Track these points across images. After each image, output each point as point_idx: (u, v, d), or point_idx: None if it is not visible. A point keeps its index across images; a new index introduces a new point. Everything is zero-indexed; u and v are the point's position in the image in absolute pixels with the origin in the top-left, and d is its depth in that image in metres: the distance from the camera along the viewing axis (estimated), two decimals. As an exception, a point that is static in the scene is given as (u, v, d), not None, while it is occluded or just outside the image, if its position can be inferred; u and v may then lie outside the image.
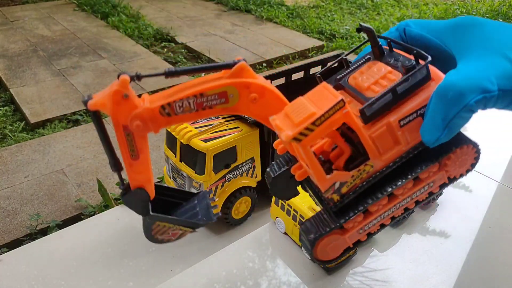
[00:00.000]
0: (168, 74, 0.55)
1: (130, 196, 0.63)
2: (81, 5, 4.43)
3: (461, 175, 0.59)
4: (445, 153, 0.55)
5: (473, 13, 3.98)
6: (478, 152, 0.57)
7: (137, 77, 0.55)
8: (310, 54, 3.44)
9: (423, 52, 0.50)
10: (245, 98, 0.56)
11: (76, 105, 2.49)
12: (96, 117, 0.58)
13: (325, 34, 3.86)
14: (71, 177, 1.84)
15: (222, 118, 1.30)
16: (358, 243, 0.61)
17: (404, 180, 0.55)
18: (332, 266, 1.10)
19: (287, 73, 1.72)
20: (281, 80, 1.71)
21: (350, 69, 0.61)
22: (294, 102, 0.51)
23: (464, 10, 4.09)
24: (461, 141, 0.55)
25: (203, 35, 3.70)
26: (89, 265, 1.24)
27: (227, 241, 1.30)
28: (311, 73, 1.82)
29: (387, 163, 0.53)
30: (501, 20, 3.86)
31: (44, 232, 1.54)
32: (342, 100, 0.47)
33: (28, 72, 2.93)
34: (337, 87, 0.61)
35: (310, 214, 1.11)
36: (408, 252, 1.21)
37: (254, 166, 1.33)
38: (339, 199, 0.54)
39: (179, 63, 3.19)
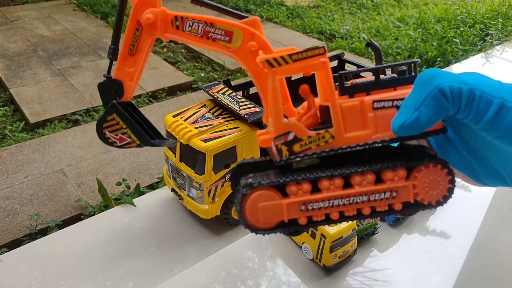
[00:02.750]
0: (194, 0, 0.66)
1: (107, 83, 0.68)
2: (81, 5, 4.43)
3: (430, 204, 0.54)
4: (416, 161, 0.51)
5: (473, 13, 3.98)
6: (452, 182, 0.52)
7: None
8: (310, 54, 3.45)
9: (414, 61, 0.51)
10: (245, 45, 0.61)
11: (76, 105, 2.49)
12: (122, 2, 0.67)
13: (325, 34, 3.86)
14: (71, 177, 1.84)
15: (222, 118, 1.30)
16: (293, 226, 0.52)
17: (365, 168, 0.50)
18: (333, 266, 1.10)
19: (287, 73, 1.72)
20: (281, 80, 1.71)
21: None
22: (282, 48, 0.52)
23: (464, 10, 4.09)
24: (437, 158, 0.51)
25: (203, 35, 3.71)
26: (89, 265, 1.24)
27: (227, 241, 1.30)
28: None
29: (348, 143, 0.50)
30: (501, 20, 3.86)
31: (44, 232, 1.54)
32: (324, 47, 0.47)
33: (28, 72, 2.93)
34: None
35: (310, 214, 1.11)
36: (408, 252, 1.21)
37: (254, 166, 1.33)
38: (288, 155, 0.50)
39: (179, 63, 3.19)
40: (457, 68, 2.76)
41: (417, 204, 0.54)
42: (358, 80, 0.51)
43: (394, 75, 0.51)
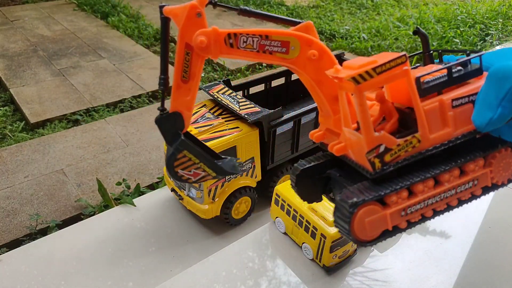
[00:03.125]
0: (241, 11, 0.62)
1: (167, 118, 0.63)
2: (81, 5, 4.44)
3: (503, 184, 0.60)
4: (491, 149, 0.56)
5: (473, 13, 3.98)
6: None
7: (213, 4, 0.61)
8: (310, 54, 3.44)
9: (475, 50, 0.54)
10: (304, 53, 0.59)
11: (76, 105, 2.49)
12: (165, 25, 0.61)
13: (325, 34, 3.86)
14: (71, 177, 1.84)
15: (222, 118, 1.30)
16: (396, 231, 0.57)
17: (452, 165, 0.55)
18: (333, 266, 1.10)
19: (287, 73, 1.72)
20: (281, 80, 1.71)
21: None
22: (353, 59, 0.53)
23: (464, 10, 4.09)
24: (508, 143, 0.57)
25: (203, 35, 3.71)
26: (89, 265, 1.24)
27: (227, 241, 1.30)
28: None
29: (433, 143, 0.53)
30: (501, 20, 3.86)
31: (44, 232, 1.54)
32: (405, 55, 0.48)
33: (28, 72, 2.93)
34: None
35: (310, 214, 1.11)
36: (408, 252, 1.21)
37: (254, 166, 1.33)
38: (380, 166, 0.52)
39: (179, 63, 3.19)
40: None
41: (493, 186, 0.60)
42: (429, 77, 0.54)
43: (460, 68, 0.54)
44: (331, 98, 0.62)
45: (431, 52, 0.62)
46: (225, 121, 1.29)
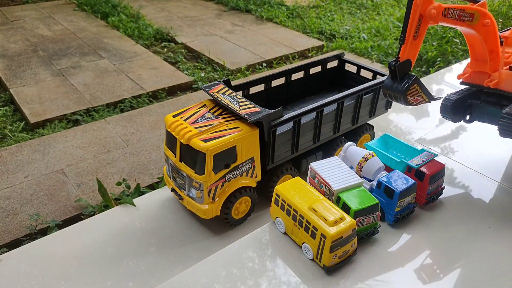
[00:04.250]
0: None
1: (403, 64, 1.17)
2: (81, 5, 4.43)
3: None
4: None
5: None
6: None
7: None
8: (310, 54, 3.44)
9: None
10: (482, 21, 1.14)
11: (76, 105, 2.49)
12: (411, 3, 1.11)
13: (325, 34, 3.86)
14: (71, 177, 1.84)
15: (222, 118, 1.30)
16: None
17: None
18: (333, 266, 1.10)
19: (287, 73, 1.72)
20: (281, 80, 1.71)
21: None
22: None
23: (464, 10, 4.09)
24: None
25: (203, 35, 3.70)
26: (89, 265, 1.24)
27: (227, 241, 1.30)
28: (311, 73, 1.83)
29: None
30: (501, 20, 3.86)
31: (44, 232, 1.54)
32: None
33: (28, 72, 2.93)
34: None
35: (310, 214, 1.11)
36: (408, 252, 1.21)
37: (254, 166, 1.33)
38: None
39: (179, 63, 3.19)
40: (457, 68, 2.76)
41: None
42: None
43: None
44: (490, 51, 1.23)
45: None
46: (225, 121, 1.29)
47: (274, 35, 3.77)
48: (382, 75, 1.69)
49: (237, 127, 1.26)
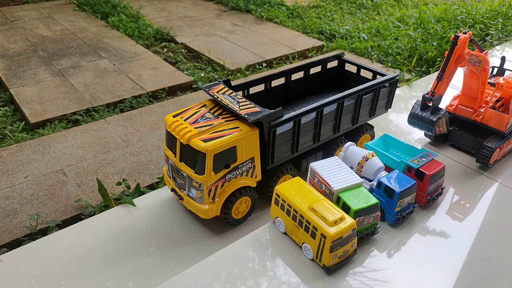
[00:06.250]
0: None
1: (437, 99, 1.39)
2: (81, 5, 4.43)
3: None
4: None
5: (473, 13, 3.98)
6: None
7: (471, 40, 1.45)
8: (310, 54, 3.44)
9: None
10: (484, 66, 1.46)
11: (76, 105, 2.49)
12: (453, 49, 1.36)
13: (325, 34, 3.86)
14: (71, 177, 1.84)
15: (222, 118, 1.30)
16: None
17: None
18: (333, 266, 1.10)
19: (287, 73, 1.72)
20: (281, 80, 1.71)
21: None
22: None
23: (464, 10, 4.09)
24: None
25: (203, 35, 3.70)
26: (89, 265, 1.24)
27: (227, 241, 1.30)
28: (311, 73, 1.83)
29: None
30: (501, 20, 3.86)
31: (44, 232, 1.54)
32: None
33: (28, 72, 2.93)
34: None
35: (310, 214, 1.11)
36: (408, 252, 1.21)
37: (254, 166, 1.33)
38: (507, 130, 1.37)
39: (179, 63, 3.19)
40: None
41: None
42: None
43: None
44: (483, 91, 1.55)
45: None
46: (225, 121, 1.29)
47: (274, 35, 3.77)
48: (382, 75, 1.69)
49: (237, 127, 1.26)
